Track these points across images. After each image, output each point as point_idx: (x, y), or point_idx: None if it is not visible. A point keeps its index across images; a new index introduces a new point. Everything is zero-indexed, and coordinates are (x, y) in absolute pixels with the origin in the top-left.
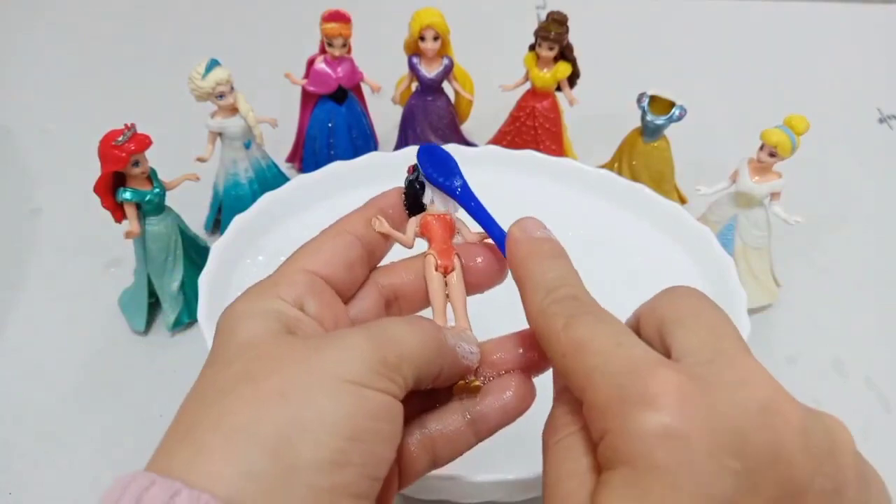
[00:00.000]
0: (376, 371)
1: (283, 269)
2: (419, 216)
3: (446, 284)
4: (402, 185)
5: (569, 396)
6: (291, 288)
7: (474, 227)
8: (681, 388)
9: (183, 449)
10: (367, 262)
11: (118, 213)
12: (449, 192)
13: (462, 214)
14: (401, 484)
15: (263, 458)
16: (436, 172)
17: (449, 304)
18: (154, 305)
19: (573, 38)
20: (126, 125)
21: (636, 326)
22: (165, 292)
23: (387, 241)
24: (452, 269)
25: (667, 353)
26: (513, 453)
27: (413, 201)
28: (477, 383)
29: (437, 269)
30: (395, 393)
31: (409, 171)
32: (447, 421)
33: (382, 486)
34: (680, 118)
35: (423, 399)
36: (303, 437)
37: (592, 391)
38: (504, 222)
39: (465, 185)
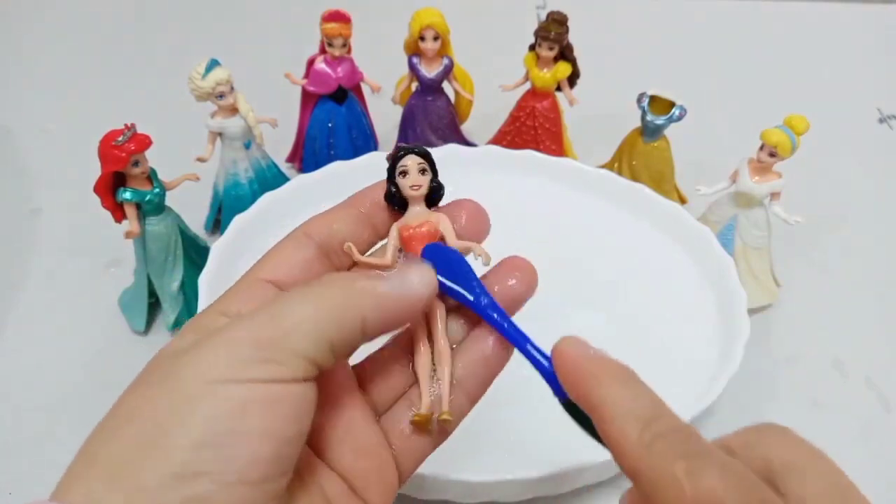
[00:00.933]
0: (249, 359)
1: (239, 281)
2: (397, 227)
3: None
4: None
5: None
6: (230, 300)
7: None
8: None
9: (66, 474)
10: (327, 263)
11: (118, 213)
12: (467, 303)
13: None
14: (401, 472)
15: (101, 485)
16: (450, 279)
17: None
18: (154, 305)
19: (573, 38)
20: (126, 125)
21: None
22: (165, 292)
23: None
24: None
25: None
26: (512, 453)
27: (398, 197)
28: (445, 416)
29: None
30: (278, 376)
31: (388, 160)
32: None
33: (371, 472)
34: (680, 118)
35: (405, 376)
36: (143, 455)
37: None
38: (504, 223)
39: (487, 295)
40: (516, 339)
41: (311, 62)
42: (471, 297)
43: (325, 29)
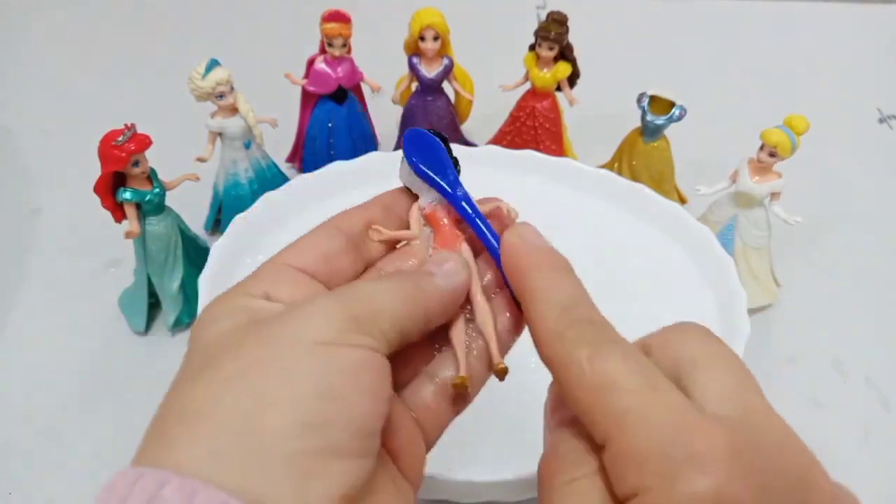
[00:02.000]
0: (346, 328)
1: (263, 265)
2: (417, 205)
3: None
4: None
5: (581, 431)
6: (258, 282)
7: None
8: (729, 448)
9: (151, 443)
10: (354, 255)
11: (118, 213)
12: (440, 189)
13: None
14: (427, 440)
15: (227, 436)
16: (426, 164)
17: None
18: (154, 305)
19: (573, 38)
20: (126, 125)
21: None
22: (165, 292)
23: (392, 244)
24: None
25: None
26: (512, 452)
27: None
28: (502, 365)
29: None
30: (372, 346)
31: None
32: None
33: (404, 446)
34: (680, 118)
35: (426, 349)
36: (268, 407)
37: (625, 439)
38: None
39: (458, 182)
40: (484, 234)
41: (311, 62)
42: (445, 185)
43: (325, 29)
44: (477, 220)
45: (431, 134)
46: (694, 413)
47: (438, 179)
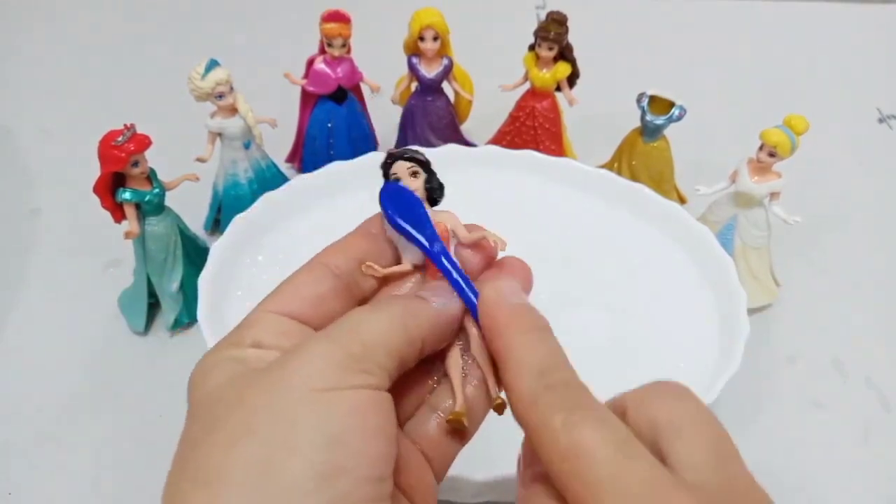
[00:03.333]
0: (344, 368)
1: (249, 315)
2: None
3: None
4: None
5: (553, 490)
6: (247, 332)
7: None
8: None
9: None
10: (346, 295)
11: (118, 213)
12: (417, 244)
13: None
14: (436, 474)
15: (243, 497)
16: (403, 219)
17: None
18: (154, 305)
19: (573, 38)
20: (126, 125)
21: (622, 417)
22: (165, 292)
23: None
24: None
25: (660, 459)
26: (512, 452)
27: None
28: (500, 400)
29: None
30: (372, 384)
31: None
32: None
33: (414, 482)
34: (680, 118)
35: (425, 378)
36: (280, 462)
37: None
38: (504, 223)
39: (435, 238)
40: (462, 290)
41: (310, 62)
42: (423, 240)
43: (324, 29)
44: (454, 274)
45: (408, 190)
46: (668, 483)
47: (416, 234)
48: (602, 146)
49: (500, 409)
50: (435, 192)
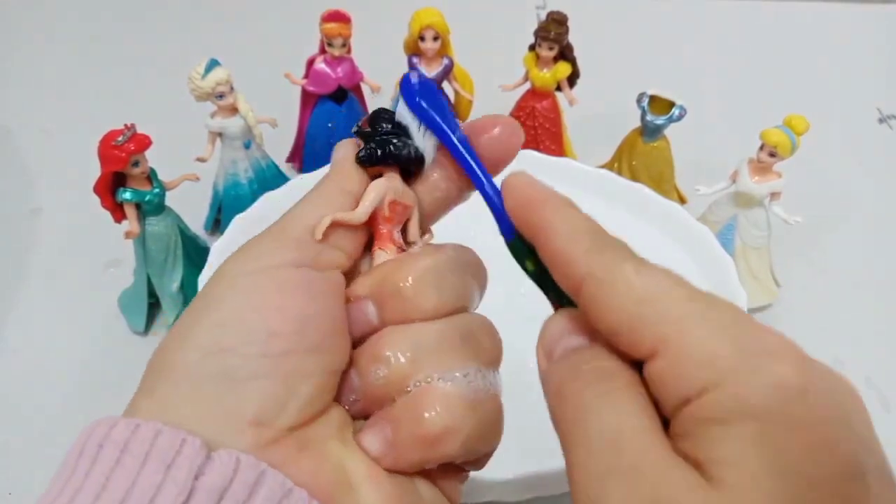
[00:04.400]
0: (265, 251)
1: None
2: (383, 188)
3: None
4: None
5: (602, 351)
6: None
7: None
8: (795, 346)
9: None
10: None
11: (118, 213)
12: (440, 135)
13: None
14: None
15: (162, 383)
16: (432, 109)
17: None
18: (154, 305)
19: (573, 38)
20: (126, 125)
21: None
22: (165, 292)
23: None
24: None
25: None
26: (512, 452)
27: (377, 157)
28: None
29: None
30: (290, 261)
31: (363, 125)
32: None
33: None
34: (680, 118)
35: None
36: (179, 344)
37: (686, 341)
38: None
39: (458, 128)
40: (475, 175)
41: (310, 62)
42: (445, 128)
43: (324, 29)
44: (474, 166)
45: (430, 81)
46: (755, 320)
47: (439, 120)
48: (602, 146)
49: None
50: (415, 161)
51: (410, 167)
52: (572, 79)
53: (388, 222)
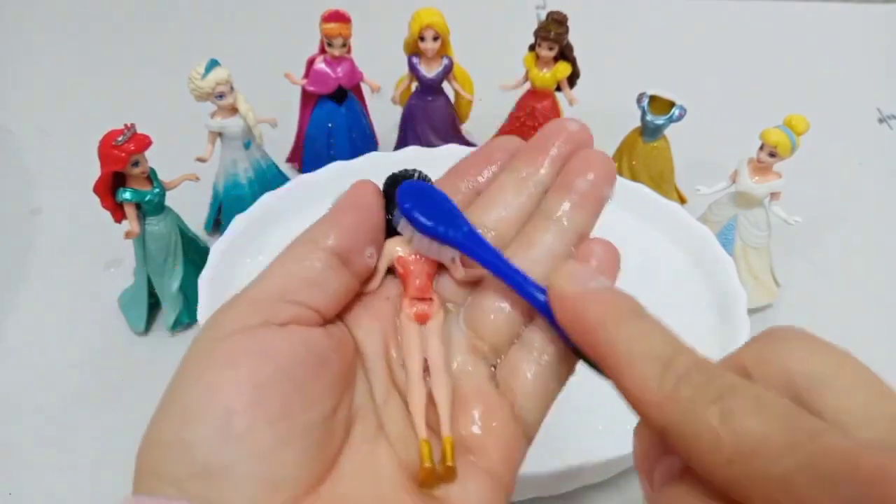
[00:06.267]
0: (246, 314)
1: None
2: (385, 250)
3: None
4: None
5: (699, 485)
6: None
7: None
8: None
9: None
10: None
11: (118, 213)
12: (453, 242)
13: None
14: (527, 424)
15: (146, 452)
16: (430, 219)
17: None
18: (154, 305)
19: (573, 38)
20: (126, 125)
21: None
22: (165, 292)
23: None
24: (430, 318)
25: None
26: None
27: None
28: (449, 464)
29: (413, 319)
30: (269, 320)
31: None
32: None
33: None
34: (680, 118)
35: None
36: (157, 419)
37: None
38: None
39: (471, 230)
40: (510, 276)
41: (310, 62)
42: (457, 235)
43: (325, 29)
44: (510, 269)
45: (429, 185)
46: (873, 453)
47: (452, 236)
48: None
49: (443, 478)
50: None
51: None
52: (572, 79)
53: (405, 277)
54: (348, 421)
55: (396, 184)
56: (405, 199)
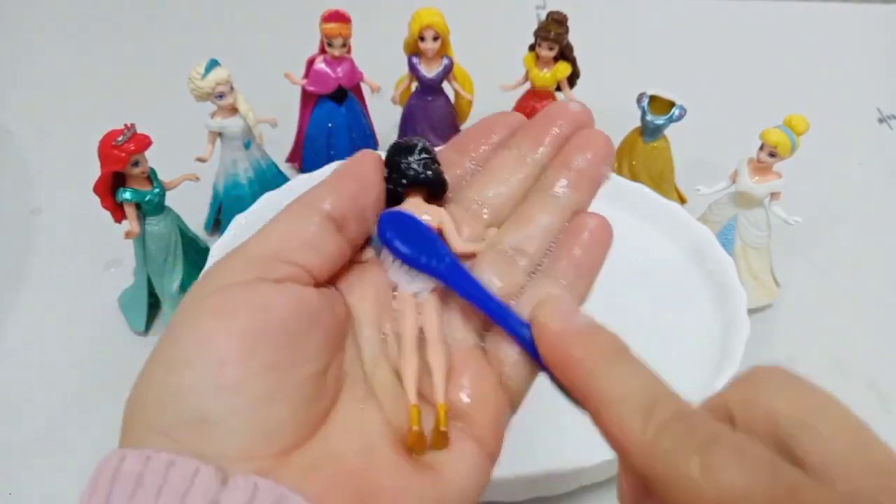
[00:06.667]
0: (241, 269)
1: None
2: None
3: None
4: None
5: None
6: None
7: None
8: None
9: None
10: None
11: (118, 213)
12: (434, 273)
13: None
14: (512, 400)
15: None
16: (411, 248)
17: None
18: (154, 305)
19: (573, 38)
20: (126, 125)
21: (729, 422)
22: (165, 292)
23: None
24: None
25: (794, 462)
26: (512, 452)
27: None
28: (443, 428)
29: None
30: (264, 276)
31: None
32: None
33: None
34: (680, 118)
35: None
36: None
37: None
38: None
39: (454, 261)
40: (493, 309)
41: (310, 62)
42: (436, 265)
43: (325, 29)
44: (493, 302)
45: (410, 216)
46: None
47: (434, 266)
48: None
49: (435, 444)
50: (438, 184)
51: (435, 190)
52: (572, 79)
53: None
54: (339, 381)
55: (400, 152)
56: (386, 228)
